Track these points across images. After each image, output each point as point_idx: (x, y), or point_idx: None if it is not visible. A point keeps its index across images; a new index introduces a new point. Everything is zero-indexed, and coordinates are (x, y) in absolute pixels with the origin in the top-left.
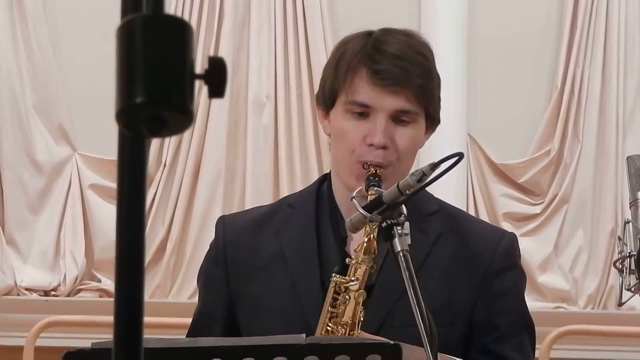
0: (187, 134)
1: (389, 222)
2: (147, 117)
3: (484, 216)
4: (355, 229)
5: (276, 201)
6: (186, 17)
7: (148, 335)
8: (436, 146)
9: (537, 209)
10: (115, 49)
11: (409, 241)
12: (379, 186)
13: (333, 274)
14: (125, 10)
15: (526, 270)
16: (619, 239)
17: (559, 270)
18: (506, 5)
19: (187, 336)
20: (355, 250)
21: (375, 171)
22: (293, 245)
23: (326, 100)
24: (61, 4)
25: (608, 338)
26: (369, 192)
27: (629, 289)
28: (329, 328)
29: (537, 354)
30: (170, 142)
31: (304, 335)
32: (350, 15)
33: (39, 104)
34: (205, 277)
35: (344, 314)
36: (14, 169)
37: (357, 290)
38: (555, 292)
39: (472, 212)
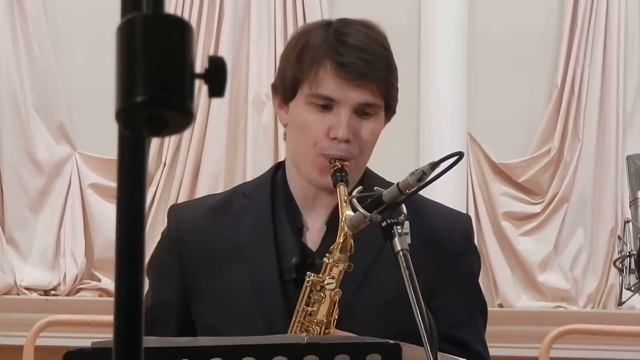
0: (187, 133)
1: (389, 221)
2: (147, 116)
3: (484, 216)
4: (355, 229)
5: (229, 189)
6: (186, 17)
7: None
8: (436, 145)
9: (537, 209)
10: (115, 48)
11: (409, 240)
12: (346, 181)
13: (308, 273)
14: (125, 10)
15: (526, 269)
16: (619, 238)
17: (559, 269)
18: (506, 5)
19: None
20: (331, 249)
21: (341, 166)
22: (250, 237)
23: (286, 90)
24: (61, 4)
25: (608, 337)
26: (337, 188)
27: (629, 289)
28: (303, 326)
29: (536, 353)
30: (170, 141)
31: (304, 334)
32: (350, 15)
33: (39, 104)
34: (158, 267)
35: (319, 312)
36: (14, 169)
37: (333, 289)
38: (555, 292)
39: (472, 212)
